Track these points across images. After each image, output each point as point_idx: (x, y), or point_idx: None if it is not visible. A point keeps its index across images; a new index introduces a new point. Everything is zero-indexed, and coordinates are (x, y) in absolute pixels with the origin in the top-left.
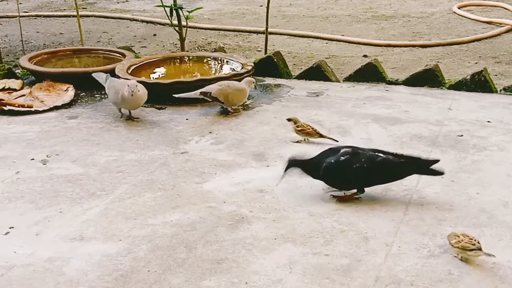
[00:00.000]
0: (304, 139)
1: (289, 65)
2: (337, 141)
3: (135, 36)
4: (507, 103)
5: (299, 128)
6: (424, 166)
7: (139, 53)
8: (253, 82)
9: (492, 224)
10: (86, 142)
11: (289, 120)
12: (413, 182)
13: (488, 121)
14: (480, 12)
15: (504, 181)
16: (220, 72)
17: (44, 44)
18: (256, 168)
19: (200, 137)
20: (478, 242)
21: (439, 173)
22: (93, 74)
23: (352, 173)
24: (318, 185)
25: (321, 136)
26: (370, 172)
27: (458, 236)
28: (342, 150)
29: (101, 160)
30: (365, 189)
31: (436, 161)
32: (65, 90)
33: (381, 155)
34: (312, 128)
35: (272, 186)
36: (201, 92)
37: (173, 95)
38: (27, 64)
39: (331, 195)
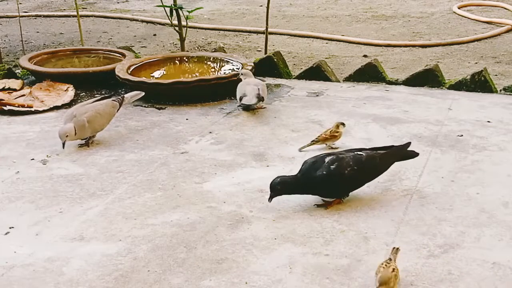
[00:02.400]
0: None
1: (289, 65)
2: None
3: (135, 36)
4: (507, 103)
5: None
6: (401, 152)
7: (139, 53)
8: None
9: (492, 224)
10: None
11: None
12: (413, 182)
13: (488, 121)
14: (480, 12)
15: (504, 181)
16: (220, 72)
17: (44, 44)
18: (256, 168)
19: (200, 137)
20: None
21: (415, 154)
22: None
23: (346, 179)
24: None
25: None
26: (361, 173)
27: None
28: (326, 159)
29: (101, 160)
30: (365, 189)
31: (409, 144)
32: (65, 90)
33: (361, 153)
34: None
35: None
36: (257, 94)
37: (237, 106)
38: (27, 64)
39: (315, 205)
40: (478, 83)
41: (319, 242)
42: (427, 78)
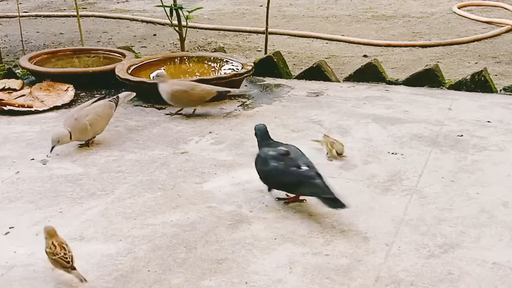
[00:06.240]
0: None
1: (289, 65)
2: None
3: (135, 36)
4: (507, 103)
5: None
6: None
7: (139, 53)
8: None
9: (492, 224)
10: None
11: None
12: (413, 182)
13: (488, 121)
14: (480, 12)
15: (504, 181)
16: (220, 72)
17: (44, 44)
18: None
19: (200, 137)
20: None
21: (341, 206)
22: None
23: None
24: None
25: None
26: (265, 175)
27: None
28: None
29: (101, 160)
30: (365, 189)
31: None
32: (65, 90)
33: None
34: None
35: None
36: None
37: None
38: (27, 64)
39: (276, 198)
40: (478, 83)
41: (319, 242)
42: (427, 78)
